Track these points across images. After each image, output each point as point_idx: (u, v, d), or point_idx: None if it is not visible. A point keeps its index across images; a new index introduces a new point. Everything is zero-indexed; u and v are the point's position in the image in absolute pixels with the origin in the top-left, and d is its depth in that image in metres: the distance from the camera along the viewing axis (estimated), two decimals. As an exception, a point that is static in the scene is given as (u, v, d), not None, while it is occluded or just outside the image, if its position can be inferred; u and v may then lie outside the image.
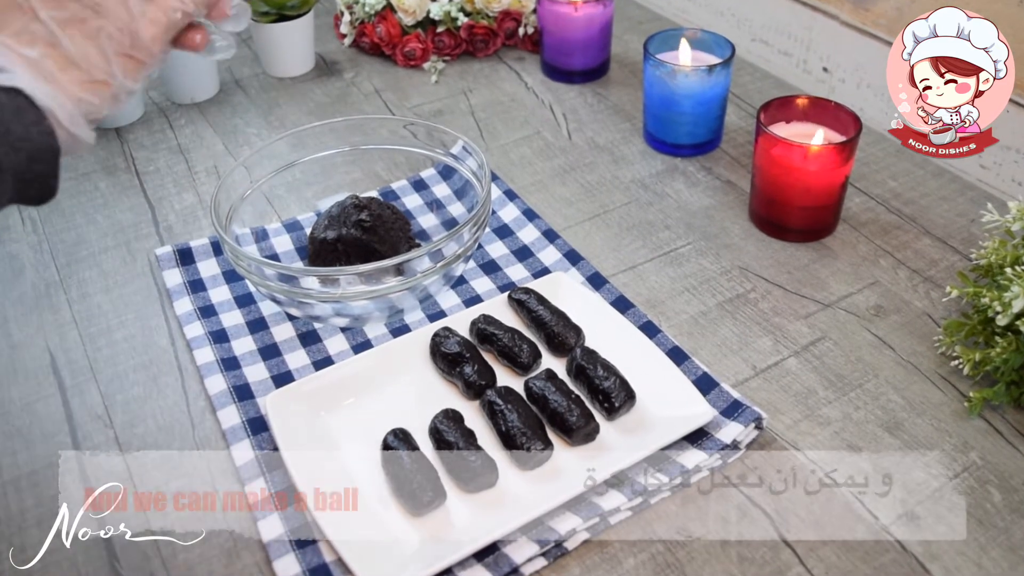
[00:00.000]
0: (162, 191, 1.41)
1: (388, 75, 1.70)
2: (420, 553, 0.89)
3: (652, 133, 1.46)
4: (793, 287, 1.20)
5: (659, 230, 1.30)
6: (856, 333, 1.13)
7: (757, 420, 1.00)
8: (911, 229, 1.28)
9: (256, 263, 1.08)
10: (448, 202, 1.34)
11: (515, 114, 1.58)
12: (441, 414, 1.01)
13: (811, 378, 1.08)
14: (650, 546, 0.92)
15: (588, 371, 1.04)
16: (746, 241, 1.28)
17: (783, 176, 1.22)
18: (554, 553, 0.91)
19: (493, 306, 1.16)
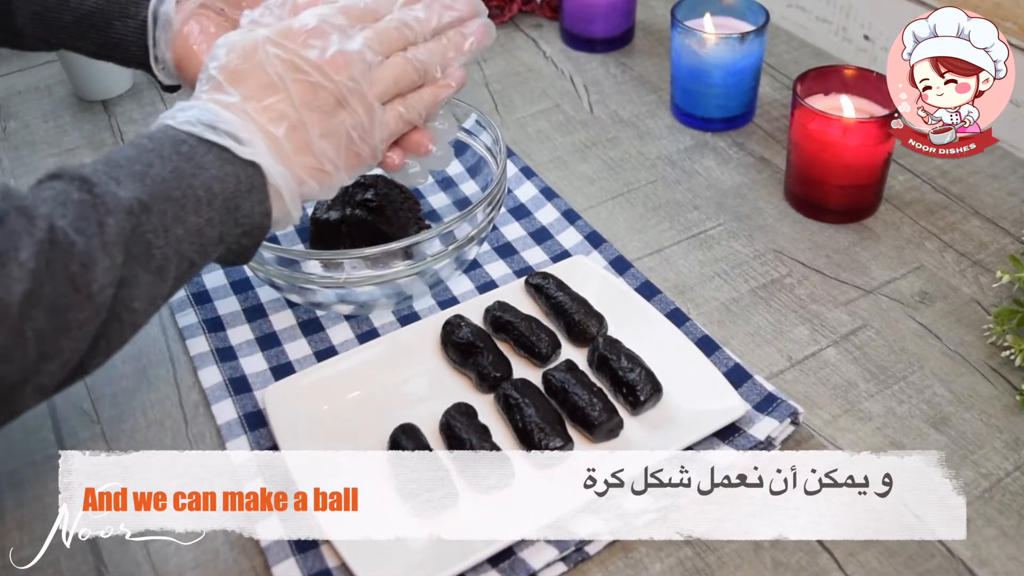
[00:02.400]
0: (152, 168, 1.41)
1: (395, 43, 1.70)
2: (430, 558, 0.89)
3: (680, 106, 1.46)
4: (832, 272, 1.20)
5: (687, 210, 1.30)
6: (900, 321, 1.13)
7: (793, 415, 1.00)
8: (959, 209, 1.28)
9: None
10: (460, 180, 1.34)
11: (532, 85, 1.57)
12: (453, 408, 1.01)
13: (851, 370, 1.08)
14: (678, 550, 0.92)
15: (611, 362, 1.04)
16: (781, 222, 1.27)
17: (821, 152, 1.21)
18: (574, 558, 0.91)
19: (509, 292, 1.16)
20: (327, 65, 0.86)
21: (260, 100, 0.85)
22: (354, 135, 0.89)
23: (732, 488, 0.96)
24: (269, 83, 0.86)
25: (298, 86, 0.86)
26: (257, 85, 0.86)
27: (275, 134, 0.85)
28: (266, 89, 0.86)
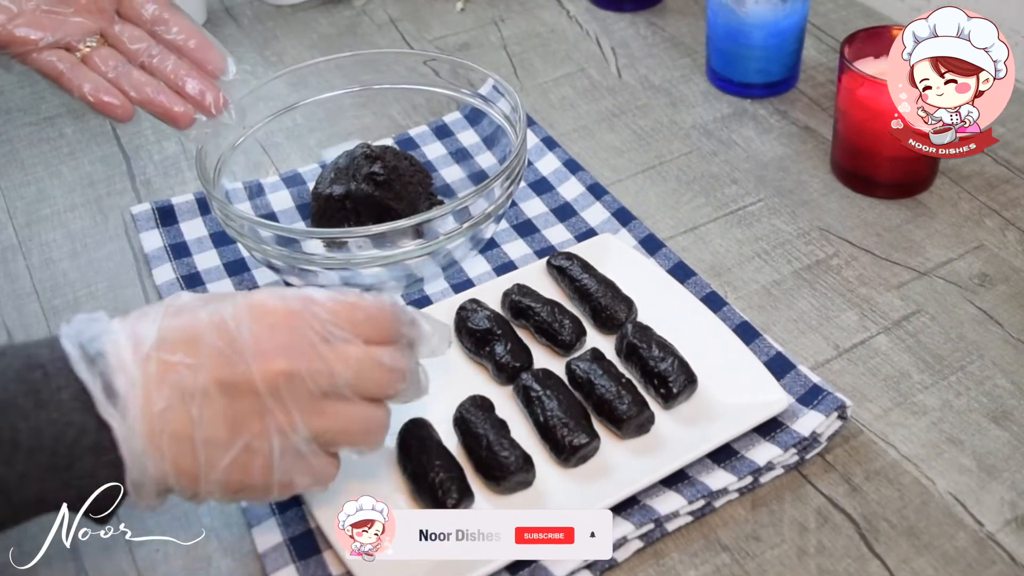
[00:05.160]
0: (139, 138, 1.42)
1: (406, 2, 1.70)
2: (443, 564, 0.89)
3: (716, 70, 1.46)
4: (883, 252, 1.19)
5: (725, 185, 1.30)
6: (957, 306, 1.13)
7: (840, 409, 0.99)
8: (1022, 183, 1.27)
9: (250, 223, 1.08)
10: (476, 151, 1.34)
11: (555, 48, 1.57)
12: (468, 402, 1.01)
13: (904, 359, 1.08)
14: (714, 557, 0.92)
15: (641, 351, 1.04)
16: (827, 198, 1.27)
17: (871, 121, 1.21)
18: (601, 565, 0.91)
19: (529, 274, 1.16)
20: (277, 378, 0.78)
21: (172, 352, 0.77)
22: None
23: (775, 489, 0.96)
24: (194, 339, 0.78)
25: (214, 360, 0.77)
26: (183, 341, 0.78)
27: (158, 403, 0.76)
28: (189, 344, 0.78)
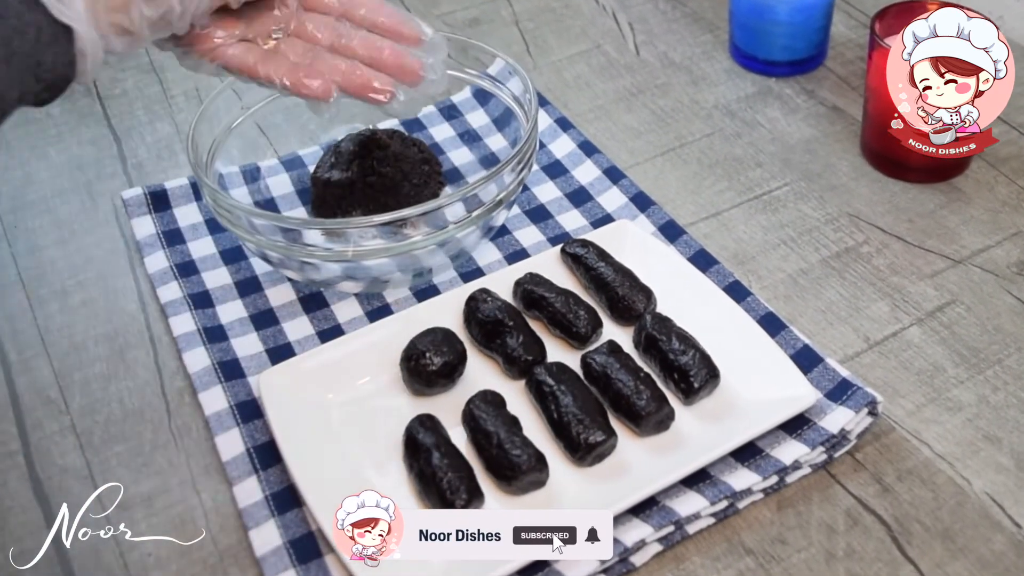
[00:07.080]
0: (131, 119, 1.42)
1: (410, -25, 1.70)
2: (452, 567, 0.89)
3: (740, 47, 1.46)
4: (915, 239, 1.19)
5: (749, 168, 1.30)
6: (994, 296, 1.13)
7: (871, 404, 0.99)
8: (1065, 166, 1.28)
9: (244, 212, 1.08)
10: (486, 133, 1.34)
11: (569, 23, 1.57)
12: (478, 397, 1.01)
13: (938, 352, 1.08)
14: (737, 561, 0.92)
15: (661, 344, 1.04)
16: (857, 182, 1.27)
17: (904, 100, 1.21)
18: (618, 569, 0.91)
19: (542, 262, 1.16)
20: None
21: None
22: None
23: (802, 490, 0.96)
24: None
25: None
26: None
27: None
28: None
